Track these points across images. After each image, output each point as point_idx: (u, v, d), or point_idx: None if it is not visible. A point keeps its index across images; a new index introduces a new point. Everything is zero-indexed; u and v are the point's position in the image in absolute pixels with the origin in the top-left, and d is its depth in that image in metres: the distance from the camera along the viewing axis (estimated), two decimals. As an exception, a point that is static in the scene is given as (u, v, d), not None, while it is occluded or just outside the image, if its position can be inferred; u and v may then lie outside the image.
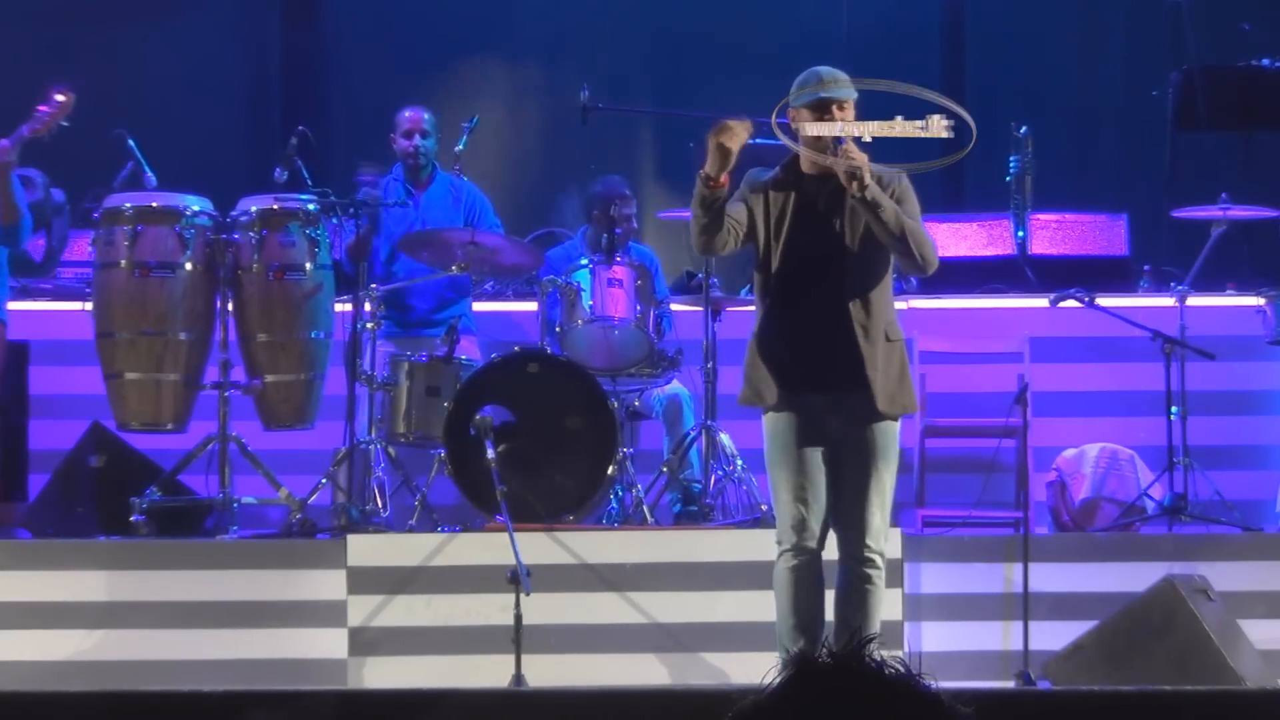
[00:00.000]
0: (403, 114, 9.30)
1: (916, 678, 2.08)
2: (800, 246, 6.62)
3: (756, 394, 6.68)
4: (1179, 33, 10.77)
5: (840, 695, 2.05)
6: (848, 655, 2.07)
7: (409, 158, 9.24)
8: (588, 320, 8.42)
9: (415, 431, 8.48)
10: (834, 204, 6.61)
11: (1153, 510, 8.74)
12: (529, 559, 7.27)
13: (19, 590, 7.92)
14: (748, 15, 11.80)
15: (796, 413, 6.61)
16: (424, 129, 9.23)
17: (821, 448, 6.60)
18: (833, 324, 6.57)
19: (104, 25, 11.87)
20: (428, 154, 9.25)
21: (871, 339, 6.56)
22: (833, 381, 6.58)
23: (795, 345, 6.61)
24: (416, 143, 9.21)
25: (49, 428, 9.07)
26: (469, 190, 9.28)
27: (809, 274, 6.62)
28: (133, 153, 9.18)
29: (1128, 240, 9.99)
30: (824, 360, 6.58)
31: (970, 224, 10.07)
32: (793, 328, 6.62)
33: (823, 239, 6.61)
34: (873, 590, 6.59)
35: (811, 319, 6.60)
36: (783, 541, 6.63)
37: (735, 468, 8.41)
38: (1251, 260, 10.07)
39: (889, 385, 6.57)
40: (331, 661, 7.79)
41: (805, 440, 6.60)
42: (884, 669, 2.07)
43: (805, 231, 6.62)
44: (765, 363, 6.63)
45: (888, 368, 6.59)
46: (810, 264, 6.62)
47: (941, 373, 9.29)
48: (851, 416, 6.58)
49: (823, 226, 6.62)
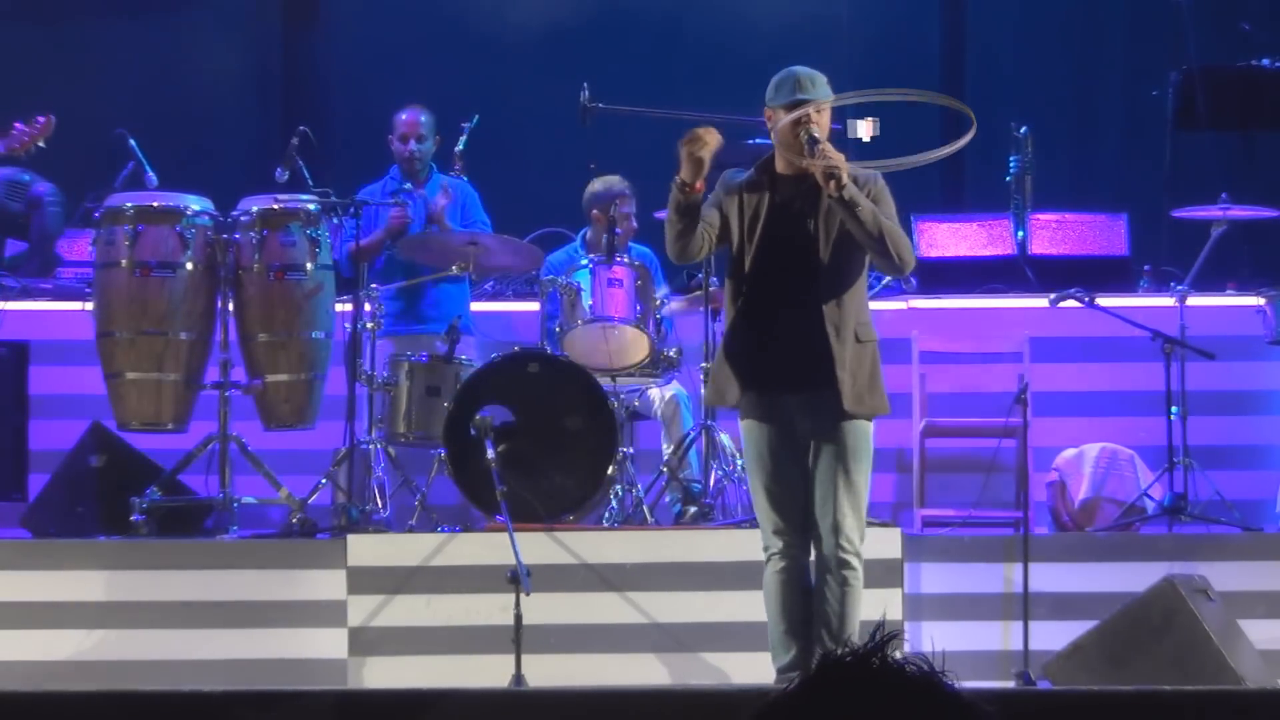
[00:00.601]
0: (399, 116, 9.28)
1: (939, 676, 2.07)
2: (774, 247, 6.63)
3: (718, 394, 6.73)
4: (1179, 33, 10.76)
5: (862, 694, 2.04)
6: (870, 654, 2.06)
7: (405, 161, 9.24)
8: (588, 320, 8.42)
9: (415, 431, 8.48)
10: (809, 205, 6.62)
11: (1153, 510, 8.74)
12: (529, 559, 7.27)
13: (19, 590, 7.92)
14: (748, 15, 11.80)
15: (769, 419, 6.64)
16: (420, 133, 9.21)
17: (795, 451, 6.63)
18: (805, 324, 6.59)
19: (104, 24, 11.87)
20: (423, 158, 9.24)
21: (842, 339, 6.58)
22: (803, 382, 6.60)
23: (767, 345, 6.62)
24: (412, 148, 9.20)
25: (49, 428, 9.07)
26: (458, 187, 9.26)
27: (782, 274, 6.63)
28: (133, 152, 9.18)
29: (1128, 240, 9.99)
30: (795, 360, 6.60)
31: (970, 224, 10.07)
32: (765, 328, 6.63)
33: (797, 240, 6.62)
34: (849, 590, 6.63)
35: (784, 319, 6.62)
36: (769, 547, 6.70)
37: (735, 468, 8.41)
38: (1251, 260, 10.07)
39: (858, 386, 6.59)
40: (331, 661, 7.79)
41: (779, 445, 6.63)
42: (906, 668, 2.06)
43: (779, 232, 6.63)
44: (730, 362, 6.67)
45: (857, 369, 6.60)
46: (784, 264, 6.63)
47: (941, 373, 9.30)
48: (822, 417, 6.61)
49: (797, 227, 6.63)
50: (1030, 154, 9.85)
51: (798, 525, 6.64)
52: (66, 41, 11.65)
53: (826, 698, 2.05)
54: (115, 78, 11.38)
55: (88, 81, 11.36)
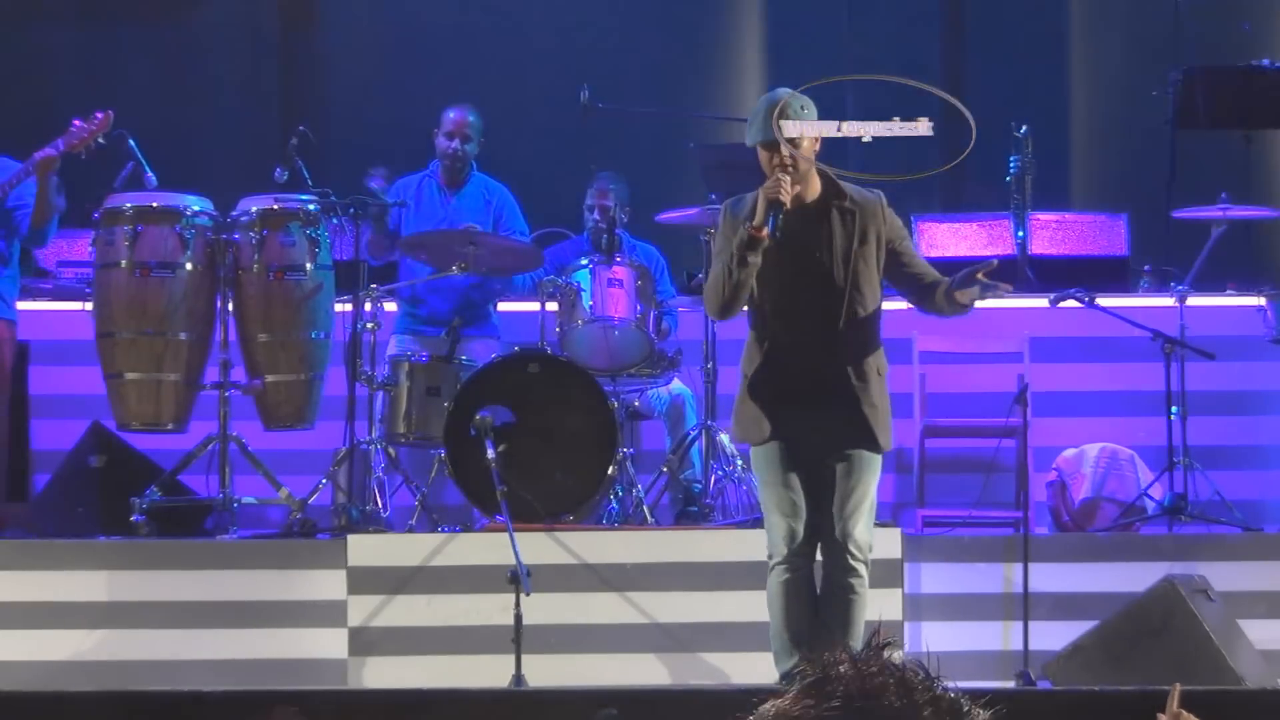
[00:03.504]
0: (448, 114, 9.29)
1: (937, 681, 2.07)
2: (786, 280, 6.59)
3: (745, 432, 6.72)
4: (1179, 33, 10.76)
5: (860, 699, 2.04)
6: (868, 659, 2.06)
7: (448, 159, 9.24)
8: (588, 320, 8.42)
9: (415, 431, 8.48)
10: (814, 235, 6.58)
11: (1153, 510, 8.74)
12: (529, 559, 7.27)
13: (19, 590, 7.92)
14: (748, 15, 11.79)
15: (784, 440, 6.62)
16: (467, 133, 9.23)
17: (810, 463, 6.62)
18: (823, 359, 6.57)
19: (105, 24, 11.87)
20: (466, 158, 9.26)
21: (865, 376, 6.58)
22: (826, 418, 6.60)
23: (786, 382, 6.60)
24: (457, 146, 9.22)
25: (49, 428, 9.07)
26: (499, 192, 9.29)
27: (796, 308, 6.60)
28: (133, 152, 9.17)
29: (1128, 240, 9.99)
30: (816, 397, 6.59)
31: (970, 224, 10.06)
32: (782, 363, 6.61)
33: (809, 272, 6.58)
34: (855, 599, 6.65)
35: (801, 354, 6.60)
36: (774, 555, 6.69)
37: (735, 468, 8.41)
38: (1251, 260, 10.07)
39: (882, 419, 6.61)
40: (331, 661, 7.79)
41: (794, 457, 6.63)
42: (904, 673, 2.06)
43: (790, 265, 6.58)
44: (755, 401, 6.64)
45: (882, 403, 6.63)
46: (797, 298, 6.60)
47: (941, 373, 9.29)
48: (843, 446, 6.60)
49: (808, 259, 6.59)
50: (1030, 154, 9.85)
51: (806, 533, 6.64)
52: (67, 41, 11.65)
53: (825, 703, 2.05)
54: (115, 78, 11.37)
55: (88, 81, 11.36)
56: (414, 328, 9.15)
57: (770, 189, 6.44)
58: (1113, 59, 11.83)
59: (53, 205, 8.46)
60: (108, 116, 8.55)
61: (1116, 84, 11.76)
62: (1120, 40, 11.80)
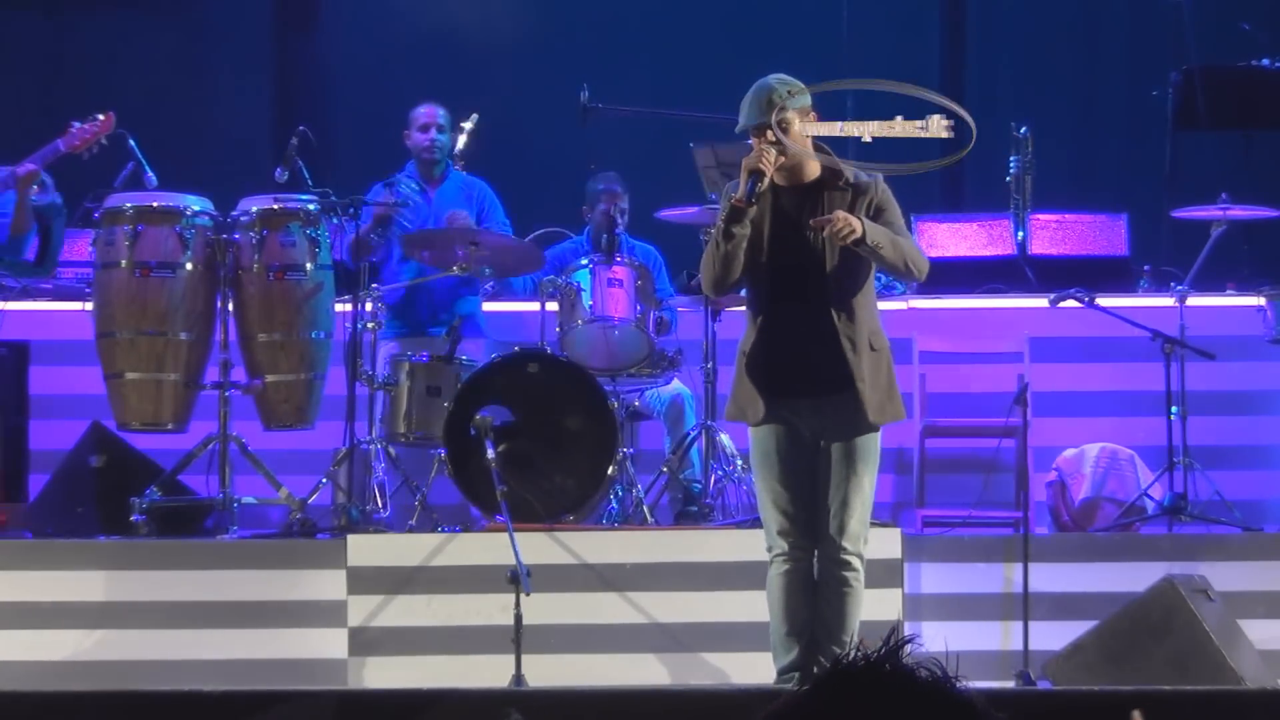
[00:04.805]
0: (418, 110, 9.31)
1: (951, 681, 2.07)
2: (780, 259, 6.64)
3: (740, 410, 6.73)
4: (1179, 33, 10.76)
5: (873, 698, 2.04)
6: (882, 658, 2.06)
7: (425, 152, 9.24)
8: (588, 320, 8.42)
9: (415, 431, 8.48)
10: (810, 215, 6.61)
11: (1153, 510, 8.74)
12: (529, 559, 7.27)
13: (19, 590, 7.91)
14: (748, 14, 11.80)
15: (781, 423, 6.64)
16: (440, 123, 9.26)
17: (804, 453, 6.64)
18: (817, 336, 6.60)
19: (105, 25, 11.87)
20: (443, 149, 9.26)
21: (858, 350, 6.59)
22: (820, 394, 6.62)
23: (781, 358, 6.62)
24: (433, 137, 9.23)
25: (49, 428, 9.07)
26: (480, 187, 9.30)
27: (791, 286, 6.64)
28: (133, 153, 9.18)
29: (1128, 240, 9.99)
30: (810, 372, 6.61)
31: (970, 224, 10.06)
32: (777, 340, 6.64)
33: (802, 251, 6.63)
34: (849, 592, 6.65)
35: (795, 331, 6.63)
36: (773, 548, 6.71)
37: (735, 468, 8.41)
38: (1251, 260, 10.07)
39: (877, 395, 6.60)
40: (331, 661, 7.79)
41: (789, 449, 6.65)
42: (917, 672, 2.06)
43: (784, 244, 6.64)
44: (751, 379, 6.66)
45: (875, 378, 6.61)
46: (791, 276, 6.64)
47: (941, 373, 9.30)
48: (837, 425, 6.62)
49: (801, 238, 6.63)
50: (1030, 154, 9.85)
51: (803, 526, 6.65)
52: (66, 42, 11.65)
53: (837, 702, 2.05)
54: (116, 78, 11.37)
55: (88, 81, 11.36)
56: (402, 331, 9.10)
57: (752, 159, 6.52)
58: (1113, 59, 11.84)
59: (31, 216, 8.44)
60: (109, 118, 8.56)
61: (1116, 84, 11.77)
62: (1120, 40, 11.81)
